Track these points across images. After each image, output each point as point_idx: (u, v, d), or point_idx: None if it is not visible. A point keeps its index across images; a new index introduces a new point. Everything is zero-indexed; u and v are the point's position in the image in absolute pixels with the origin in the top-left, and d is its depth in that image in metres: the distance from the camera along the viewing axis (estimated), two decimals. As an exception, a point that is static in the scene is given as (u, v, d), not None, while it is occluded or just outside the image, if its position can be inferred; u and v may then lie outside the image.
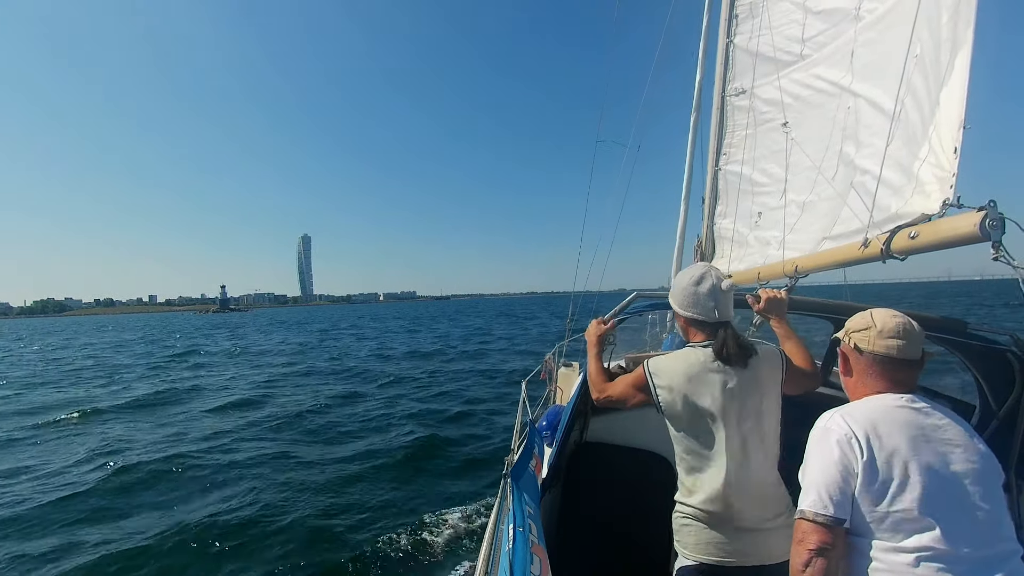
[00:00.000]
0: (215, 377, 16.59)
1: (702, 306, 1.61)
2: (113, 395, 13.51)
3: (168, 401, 12.37)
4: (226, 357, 23.52)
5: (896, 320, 1.29)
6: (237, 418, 10.11)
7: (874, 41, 2.55)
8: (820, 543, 1.13)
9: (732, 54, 3.84)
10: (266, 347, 28.66)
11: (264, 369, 18.50)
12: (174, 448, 7.78)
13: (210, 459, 7.23)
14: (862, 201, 2.33)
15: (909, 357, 1.26)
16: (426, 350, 23.16)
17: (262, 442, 8.09)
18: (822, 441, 1.23)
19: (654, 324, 4.36)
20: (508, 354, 20.39)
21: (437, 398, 11.81)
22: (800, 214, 3.00)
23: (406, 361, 19.79)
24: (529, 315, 58.31)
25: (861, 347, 1.31)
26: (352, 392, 12.79)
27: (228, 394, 13.01)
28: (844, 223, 2.36)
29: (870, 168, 2.29)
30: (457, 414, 9.99)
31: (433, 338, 31.15)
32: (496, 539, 1.51)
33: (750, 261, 3.51)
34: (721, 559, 1.50)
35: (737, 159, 3.77)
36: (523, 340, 26.14)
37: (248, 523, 5.07)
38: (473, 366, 17.29)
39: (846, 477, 1.16)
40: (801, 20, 3.23)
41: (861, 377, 1.32)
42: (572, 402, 2.40)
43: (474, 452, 7.43)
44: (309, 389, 13.51)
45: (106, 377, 17.71)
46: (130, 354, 27.39)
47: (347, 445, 7.95)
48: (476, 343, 25.69)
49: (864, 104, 2.52)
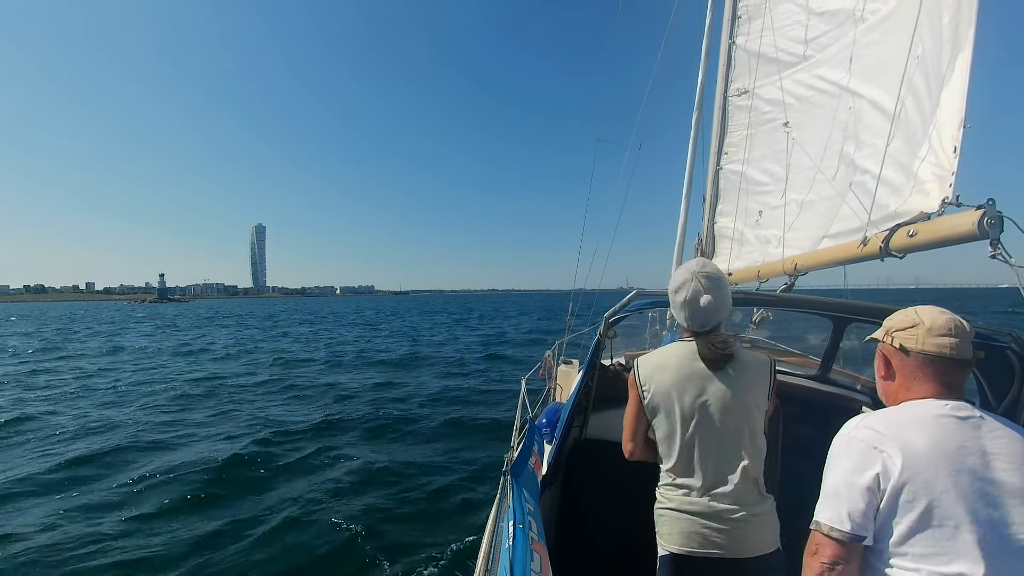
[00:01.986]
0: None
1: (677, 313, 1.64)
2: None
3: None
4: (98, 357, 19.13)
5: (945, 317, 1.18)
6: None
7: (876, 42, 2.58)
8: (834, 558, 1.06)
9: (734, 54, 3.87)
10: (166, 346, 22.81)
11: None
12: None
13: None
14: (860, 201, 2.36)
15: (962, 356, 1.15)
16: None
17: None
18: (847, 450, 1.12)
19: (654, 322, 4.37)
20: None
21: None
22: (799, 212, 3.03)
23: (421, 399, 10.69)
24: (500, 314, 54.72)
25: (908, 347, 1.18)
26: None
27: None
28: (843, 221, 2.39)
29: (870, 167, 2.31)
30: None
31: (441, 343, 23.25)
32: (496, 536, 1.51)
33: (750, 259, 3.54)
34: (694, 549, 1.51)
35: (738, 158, 3.79)
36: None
37: (234, 519, 4.83)
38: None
39: (871, 493, 1.06)
40: (804, 21, 3.25)
41: (907, 381, 1.20)
42: (572, 399, 2.40)
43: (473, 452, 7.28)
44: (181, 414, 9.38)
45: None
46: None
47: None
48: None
49: (866, 104, 2.54)
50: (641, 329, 4.33)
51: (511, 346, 21.14)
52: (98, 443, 7.49)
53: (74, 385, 12.64)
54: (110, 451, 7.02)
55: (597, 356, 2.48)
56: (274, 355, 18.52)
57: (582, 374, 2.48)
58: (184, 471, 6.10)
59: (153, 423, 8.64)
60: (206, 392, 11.48)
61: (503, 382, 12.18)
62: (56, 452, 7.10)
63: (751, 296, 2.70)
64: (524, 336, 25.85)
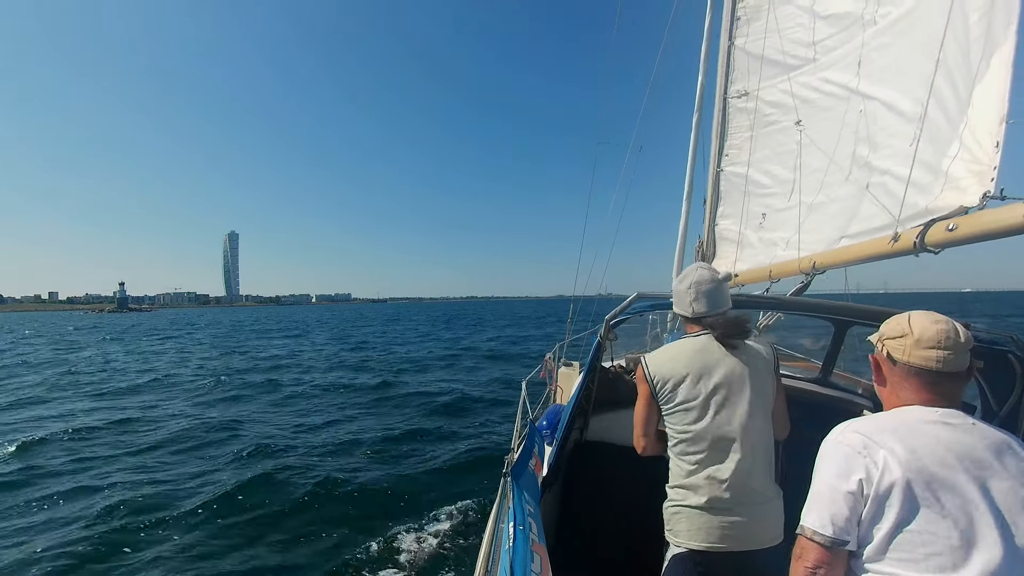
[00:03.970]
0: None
1: (682, 302, 1.68)
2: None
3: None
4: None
5: (937, 327, 1.13)
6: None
7: (887, 45, 2.61)
8: (817, 562, 1.07)
9: (734, 56, 3.90)
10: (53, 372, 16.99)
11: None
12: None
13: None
14: (877, 201, 2.37)
15: (951, 369, 1.11)
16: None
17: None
18: (833, 455, 1.12)
19: (654, 325, 4.37)
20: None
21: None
22: (809, 214, 3.04)
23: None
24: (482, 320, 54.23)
25: (895, 357, 1.17)
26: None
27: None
28: (863, 221, 2.39)
29: (890, 168, 2.32)
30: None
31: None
32: (496, 537, 1.51)
33: (755, 261, 3.54)
34: (712, 544, 1.51)
35: (740, 160, 3.81)
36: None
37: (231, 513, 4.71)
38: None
39: (854, 498, 1.06)
40: (808, 24, 3.29)
41: (895, 389, 1.19)
42: (573, 401, 2.39)
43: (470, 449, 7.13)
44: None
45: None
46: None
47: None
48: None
49: (879, 107, 2.56)
50: (641, 332, 4.32)
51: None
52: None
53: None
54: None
55: (598, 358, 2.47)
56: (211, 379, 14.29)
57: (583, 376, 2.47)
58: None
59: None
60: (38, 448, 7.73)
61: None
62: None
63: (752, 299, 2.69)
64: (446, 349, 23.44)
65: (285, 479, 6.11)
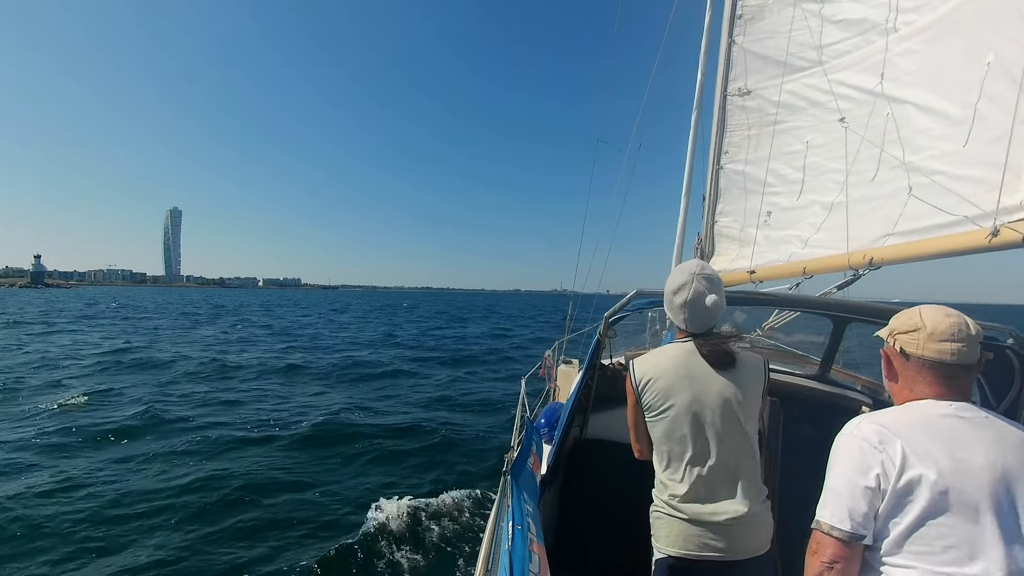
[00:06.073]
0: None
1: (675, 314, 1.63)
2: None
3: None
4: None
5: (950, 320, 1.14)
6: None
7: (915, 51, 2.68)
8: (834, 557, 1.07)
9: (733, 53, 3.90)
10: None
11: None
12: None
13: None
14: (924, 202, 2.43)
15: (965, 361, 1.13)
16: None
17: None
18: (849, 449, 1.12)
19: (654, 322, 4.31)
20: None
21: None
22: (828, 214, 3.08)
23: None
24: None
25: (908, 351, 1.17)
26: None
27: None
28: (914, 220, 2.42)
29: (939, 168, 2.38)
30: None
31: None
32: (496, 537, 1.51)
33: (760, 259, 3.57)
34: (689, 552, 1.50)
35: (741, 158, 3.83)
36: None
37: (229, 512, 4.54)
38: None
39: (871, 492, 1.06)
40: (816, 27, 3.35)
41: (908, 383, 1.19)
42: (572, 399, 2.36)
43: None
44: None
45: None
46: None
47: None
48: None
49: (912, 110, 2.63)
50: (641, 329, 4.23)
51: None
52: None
53: None
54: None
55: (597, 356, 2.45)
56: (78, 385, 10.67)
57: (582, 374, 2.44)
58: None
59: None
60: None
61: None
62: None
63: (749, 295, 2.68)
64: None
65: (266, 478, 5.92)
